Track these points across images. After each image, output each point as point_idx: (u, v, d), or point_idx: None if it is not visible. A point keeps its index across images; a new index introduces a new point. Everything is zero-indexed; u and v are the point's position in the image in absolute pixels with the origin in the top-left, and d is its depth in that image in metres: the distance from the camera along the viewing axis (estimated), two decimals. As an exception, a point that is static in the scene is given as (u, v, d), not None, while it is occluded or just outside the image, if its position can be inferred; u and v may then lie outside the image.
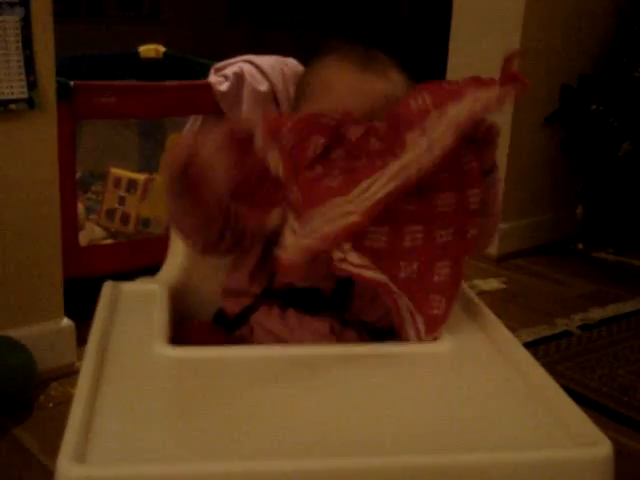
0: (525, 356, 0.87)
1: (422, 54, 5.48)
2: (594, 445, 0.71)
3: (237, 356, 0.86)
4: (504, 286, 2.37)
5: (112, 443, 0.68)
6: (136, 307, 0.95)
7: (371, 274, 0.88)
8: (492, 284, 2.35)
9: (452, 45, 2.66)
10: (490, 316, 0.97)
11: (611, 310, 2.22)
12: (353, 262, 0.87)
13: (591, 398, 1.71)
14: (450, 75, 2.67)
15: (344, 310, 0.98)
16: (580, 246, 2.72)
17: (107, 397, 0.75)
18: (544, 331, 2.05)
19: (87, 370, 0.78)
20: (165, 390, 0.78)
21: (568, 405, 0.77)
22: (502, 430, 0.74)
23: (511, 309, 2.17)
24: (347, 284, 0.98)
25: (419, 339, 0.90)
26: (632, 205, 2.61)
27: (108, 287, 0.99)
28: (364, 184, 0.86)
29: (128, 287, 1.01)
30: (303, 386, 0.80)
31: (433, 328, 0.91)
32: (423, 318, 0.91)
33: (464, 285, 1.06)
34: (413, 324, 0.91)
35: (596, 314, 2.18)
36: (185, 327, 0.98)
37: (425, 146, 0.86)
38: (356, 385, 0.81)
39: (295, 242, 0.85)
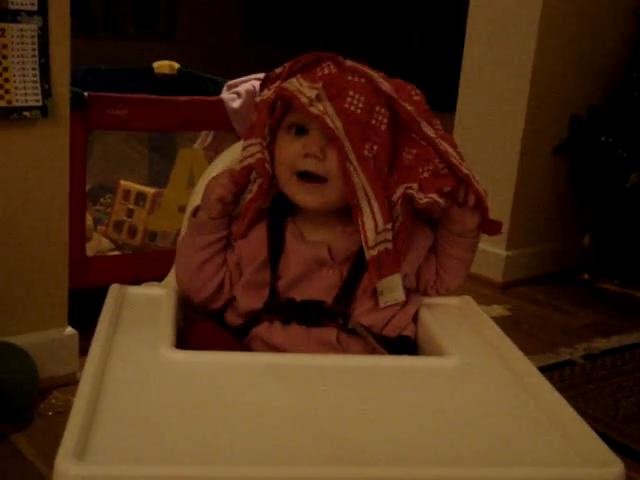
0: (535, 374, 0.86)
1: (432, 85, 5.52)
2: (606, 465, 0.70)
3: (242, 362, 0.85)
4: (508, 313, 2.36)
5: (113, 443, 0.68)
6: (142, 310, 0.95)
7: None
8: (496, 311, 2.35)
9: (463, 76, 2.68)
10: (501, 335, 0.97)
11: (615, 341, 2.21)
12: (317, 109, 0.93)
13: (593, 428, 1.70)
14: (460, 108, 2.69)
15: (346, 319, 0.98)
16: (586, 276, 2.72)
17: (110, 398, 0.74)
18: (547, 359, 2.03)
19: (90, 370, 0.78)
20: (168, 393, 0.78)
21: (579, 424, 0.77)
22: (512, 447, 0.73)
23: (514, 336, 2.13)
24: (349, 293, 0.98)
25: (376, 231, 0.95)
26: (639, 237, 2.61)
27: (114, 290, 0.99)
28: None
29: (134, 290, 1.01)
30: (308, 395, 0.80)
31: (387, 218, 0.95)
32: (379, 205, 0.95)
33: (476, 304, 1.07)
34: (371, 214, 0.95)
35: (600, 344, 2.17)
36: (192, 329, 0.98)
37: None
38: (361, 397, 0.80)
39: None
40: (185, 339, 0.92)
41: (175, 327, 0.91)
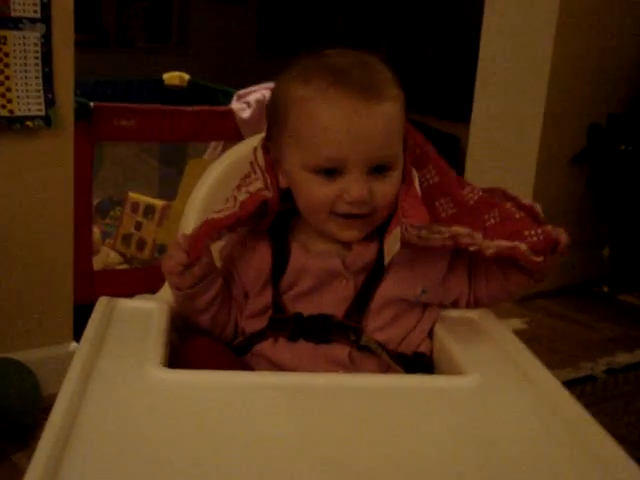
0: (562, 394, 0.79)
1: (447, 95, 5.47)
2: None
3: (240, 382, 0.78)
4: (526, 327, 2.30)
5: (85, 472, 0.61)
6: (131, 325, 0.88)
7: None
8: (514, 324, 2.29)
9: (478, 86, 2.63)
10: (523, 350, 0.89)
11: (638, 355, 2.14)
12: None
13: (616, 446, 1.64)
14: (475, 118, 2.64)
15: (358, 334, 0.91)
16: (605, 289, 2.66)
17: (87, 423, 0.68)
18: (568, 374, 1.97)
19: (67, 393, 0.71)
20: (154, 417, 0.71)
21: (612, 447, 0.70)
22: (538, 473, 0.67)
23: (533, 350, 2.10)
24: (362, 306, 0.92)
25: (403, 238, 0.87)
26: (660, 248, 2.55)
27: (102, 302, 0.92)
28: None
29: (125, 304, 0.94)
30: (314, 420, 0.73)
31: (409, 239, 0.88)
32: (409, 220, 0.88)
33: (499, 320, 1.00)
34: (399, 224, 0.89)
35: (622, 359, 2.11)
36: (187, 345, 0.92)
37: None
38: (373, 421, 0.73)
39: None
40: (180, 356, 0.86)
41: (167, 344, 0.85)
